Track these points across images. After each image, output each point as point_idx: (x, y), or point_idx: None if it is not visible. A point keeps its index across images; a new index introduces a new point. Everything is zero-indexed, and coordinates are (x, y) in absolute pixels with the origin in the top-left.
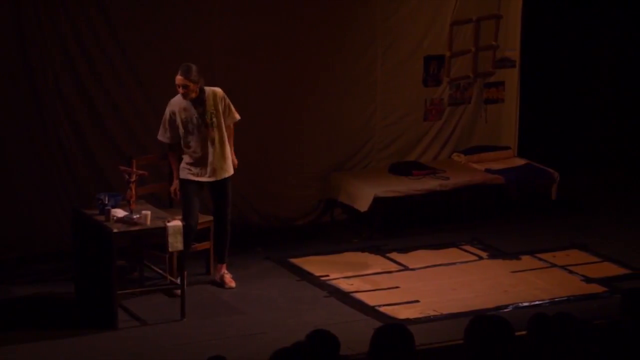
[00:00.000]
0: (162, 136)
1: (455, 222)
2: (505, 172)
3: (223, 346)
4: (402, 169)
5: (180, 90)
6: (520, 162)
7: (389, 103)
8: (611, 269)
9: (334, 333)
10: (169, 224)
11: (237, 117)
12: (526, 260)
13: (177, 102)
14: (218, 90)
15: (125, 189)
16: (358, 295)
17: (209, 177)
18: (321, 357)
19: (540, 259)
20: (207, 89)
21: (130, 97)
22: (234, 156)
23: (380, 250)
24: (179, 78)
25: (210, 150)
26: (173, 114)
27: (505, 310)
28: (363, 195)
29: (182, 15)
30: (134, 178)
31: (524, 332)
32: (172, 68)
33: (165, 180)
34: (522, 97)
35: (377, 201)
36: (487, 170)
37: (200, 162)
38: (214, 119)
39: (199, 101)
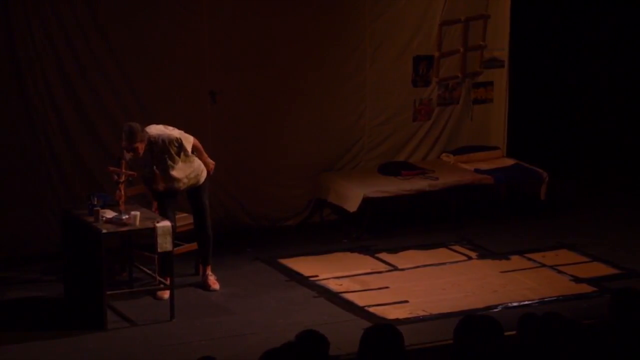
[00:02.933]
0: None
1: (444, 222)
2: (494, 172)
3: (212, 346)
4: (391, 169)
5: (130, 154)
6: (509, 162)
7: (378, 103)
8: (600, 269)
9: (324, 333)
10: (158, 225)
11: (189, 152)
12: (515, 260)
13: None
14: (172, 136)
15: (115, 189)
16: (347, 296)
17: (171, 187)
18: (311, 358)
19: (529, 259)
20: (158, 137)
21: (119, 98)
22: (208, 161)
23: (369, 251)
24: (124, 144)
25: (161, 177)
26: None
27: (495, 310)
28: (352, 196)
29: (173, 17)
30: (123, 179)
31: (513, 332)
32: (161, 70)
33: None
34: (511, 97)
35: (367, 201)
36: (476, 171)
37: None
38: (164, 158)
39: (146, 151)
